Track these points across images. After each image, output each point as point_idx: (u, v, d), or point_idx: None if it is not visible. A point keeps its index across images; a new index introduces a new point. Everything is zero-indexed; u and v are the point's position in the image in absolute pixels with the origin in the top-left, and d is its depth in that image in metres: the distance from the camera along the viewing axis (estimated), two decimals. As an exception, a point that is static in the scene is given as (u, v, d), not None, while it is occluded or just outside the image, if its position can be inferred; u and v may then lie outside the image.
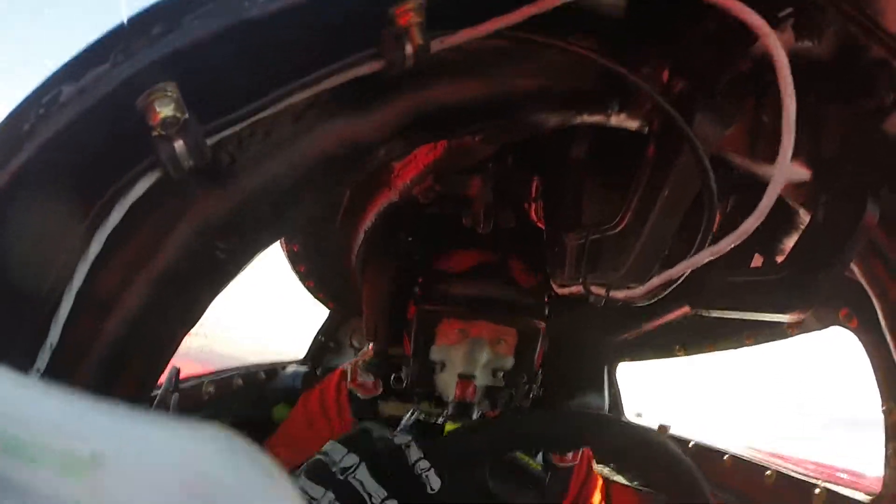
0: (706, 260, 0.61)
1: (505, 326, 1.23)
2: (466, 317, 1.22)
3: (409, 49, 0.48)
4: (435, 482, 0.83)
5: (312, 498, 0.84)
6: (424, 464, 0.84)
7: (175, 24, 0.41)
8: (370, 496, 0.84)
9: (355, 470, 0.86)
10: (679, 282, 0.73)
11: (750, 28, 0.50)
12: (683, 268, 0.65)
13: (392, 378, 1.29)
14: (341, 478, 0.85)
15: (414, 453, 0.85)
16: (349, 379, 1.31)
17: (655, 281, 0.72)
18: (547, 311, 1.29)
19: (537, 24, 0.52)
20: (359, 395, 1.28)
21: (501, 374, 1.20)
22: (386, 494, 0.85)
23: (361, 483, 0.85)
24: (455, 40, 0.51)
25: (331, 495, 0.84)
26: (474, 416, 1.11)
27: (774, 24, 0.51)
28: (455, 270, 1.28)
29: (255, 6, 0.42)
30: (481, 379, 1.16)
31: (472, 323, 1.21)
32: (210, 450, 0.23)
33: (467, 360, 1.16)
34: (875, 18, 0.52)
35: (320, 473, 0.87)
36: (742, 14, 0.49)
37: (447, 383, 1.18)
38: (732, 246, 0.58)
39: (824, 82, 0.63)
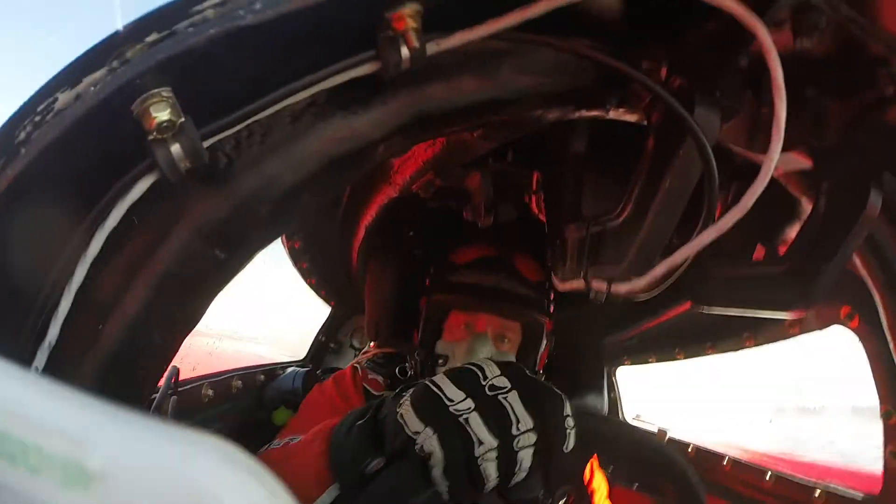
0: (708, 241, 0.61)
1: (509, 321, 1.23)
2: (472, 308, 1.22)
3: (405, 52, 0.48)
4: (572, 442, 0.80)
5: (448, 399, 0.78)
6: (571, 422, 0.81)
7: (170, 31, 0.41)
8: (517, 421, 0.77)
9: (507, 393, 0.79)
10: (681, 271, 0.73)
11: (745, 26, 0.50)
12: (686, 252, 0.65)
13: (397, 370, 1.30)
14: (490, 393, 0.79)
15: (567, 408, 0.82)
16: (361, 376, 1.30)
17: (657, 270, 0.71)
18: (552, 309, 1.29)
19: (534, 24, 0.52)
20: (372, 391, 1.27)
21: None
22: (532, 426, 0.78)
23: (511, 407, 0.78)
24: (451, 43, 0.51)
25: (471, 403, 0.77)
26: None
27: (772, 23, 0.51)
28: (461, 262, 1.29)
29: (249, 13, 0.42)
30: None
31: (477, 316, 1.21)
32: (217, 469, 0.23)
33: (468, 354, 1.17)
34: (872, 18, 0.52)
35: (468, 381, 0.81)
36: (737, 13, 0.49)
37: None
38: (734, 222, 0.58)
39: (824, 77, 0.63)
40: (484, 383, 0.80)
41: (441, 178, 1.18)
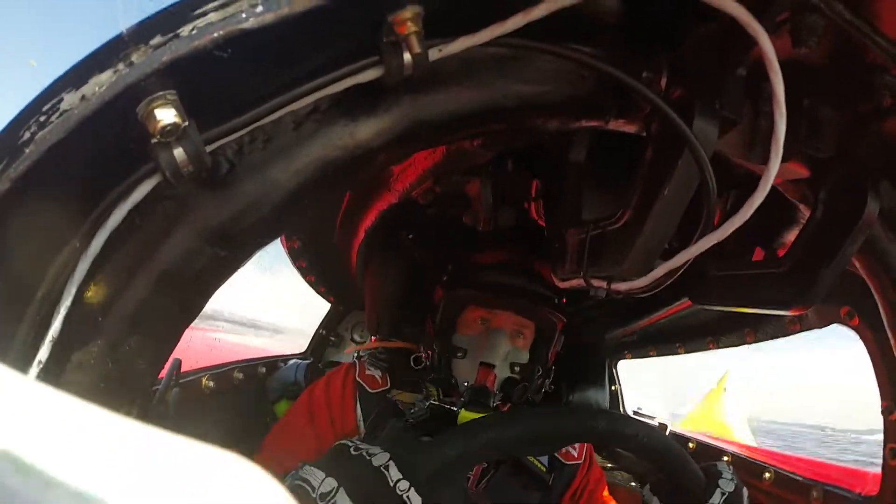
0: (707, 247, 0.62)
1: (525, 318, 1.28)
2: (490, 305, 1.26)
3: (407, 58, 0.48)
4: (416, 501, 0.81)
5: None
6: (404, 484, 0.81)
7: (174, 34, 0.42)
8: None
9: (334, 496, 0.81)
10: (681, 272, 0.73)
11: (745, 31, 0.50)
12: (684, 257, 0.66)
13: (412, 360, 1.34)
14: None
15: (394, 474, 0.82)
16: (357, 372, 1.32)
17: (657, 272, 0.72)
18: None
19: (535, 31, 0.52)
20: (367, 388, 1.28)
21: (517, 367, 1.25)
22: None
23: None
24: (453, 49, 0.51)
25: None
26: (491, 405, 1.15)
27: (771, 29, 0.51)
28: (486, 263, 1.34)
29: (251, 16, 0.42)
30: (500, 371, 1.21)
31: (494, 313, 1.26)
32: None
33: (488, 349, 1.21)
34: (872, 24, 0.52)
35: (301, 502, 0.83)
36: (738, 17, 0.50)
37: (466, 370, 1.22)
38: (732, 230, 0.59)
39: (822, 86, 0.63)
40: (314, 495, 0.81)
41: (441, 186, 1.19)
